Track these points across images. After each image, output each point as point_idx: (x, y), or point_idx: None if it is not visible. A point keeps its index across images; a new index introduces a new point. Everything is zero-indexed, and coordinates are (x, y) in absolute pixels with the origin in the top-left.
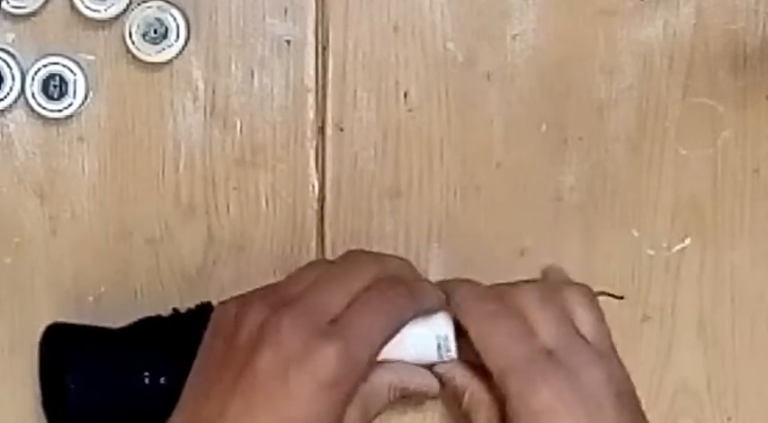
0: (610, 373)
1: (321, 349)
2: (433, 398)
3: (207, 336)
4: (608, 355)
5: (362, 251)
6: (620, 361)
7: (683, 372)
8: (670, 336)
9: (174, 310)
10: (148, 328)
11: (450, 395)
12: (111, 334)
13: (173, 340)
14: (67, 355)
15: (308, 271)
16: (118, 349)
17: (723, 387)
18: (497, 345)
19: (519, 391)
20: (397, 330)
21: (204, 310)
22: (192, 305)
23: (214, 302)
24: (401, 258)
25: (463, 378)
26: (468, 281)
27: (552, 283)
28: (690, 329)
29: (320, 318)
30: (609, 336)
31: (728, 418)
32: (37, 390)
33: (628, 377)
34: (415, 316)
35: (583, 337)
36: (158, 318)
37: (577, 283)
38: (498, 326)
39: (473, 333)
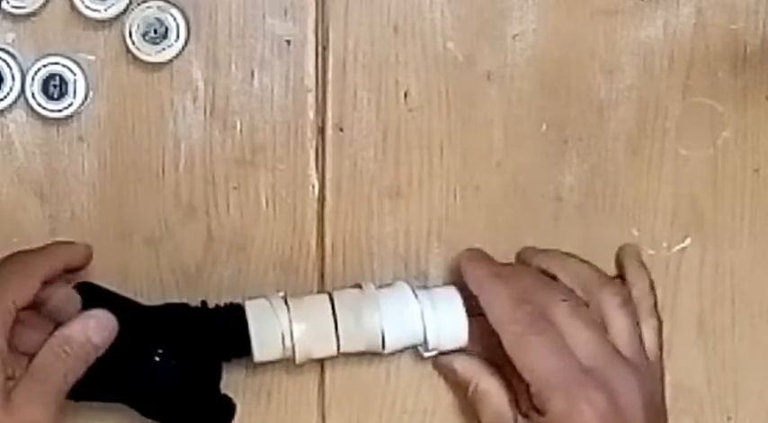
0: (641, 385)
1: None
2: None
3: None
4: (642, 364)
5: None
6: (649, 364)
7: (682, 372)
8: (670, 336)
9: (203, 302)
10: (174, 311)
11: (453, 384)
12: (135, 307)
13: (195, 330)
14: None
15: None
16: (139, 320)
17: (723, 387)
18: (533, 358)
19: (560, 410)
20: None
21: (234, 311)
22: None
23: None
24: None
25: (466, 369)
26: (494, 273)
27: (586, 282)
28: (690, 329)
29: None
30: (640, 339)
31: (728, 418)
32: None
33: (658, 382)
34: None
35: (618, 349)
36: (185, 306)
37: (612, 283)
38: (534, 339)
39: (506, 342)
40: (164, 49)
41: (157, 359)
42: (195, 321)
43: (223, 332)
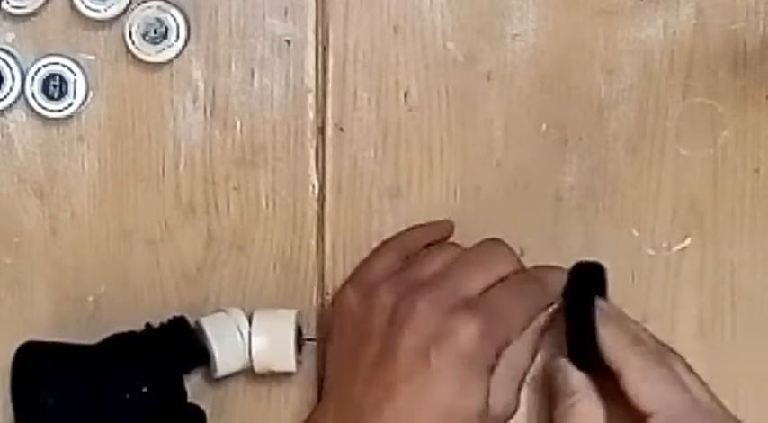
0: None
1: (462, 323)
2: None
3: (335, 325)
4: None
5: (499, 242)
6: None
7: None
8: (670, 336)
9: (147, 325)
10: (124, 343)
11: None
12: (85, 350)
13: (148, 354)
14: (43, 370)
15: (437, 254)
16: (95, 364)
17: (723, 388)
18: (651, 389)
19: None
20: (527, 324)
21: (178, 324)
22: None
23: (204, 309)
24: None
25: (572, 383)
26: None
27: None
28: (690, 329)
29: (455, 298)
30: None
31: None
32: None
33: None
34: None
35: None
36: (132, 334)
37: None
38: (652, 370)
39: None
40: (164, 49)
41: (128, 396)
42: (146, 346)
43: (174, 347)
